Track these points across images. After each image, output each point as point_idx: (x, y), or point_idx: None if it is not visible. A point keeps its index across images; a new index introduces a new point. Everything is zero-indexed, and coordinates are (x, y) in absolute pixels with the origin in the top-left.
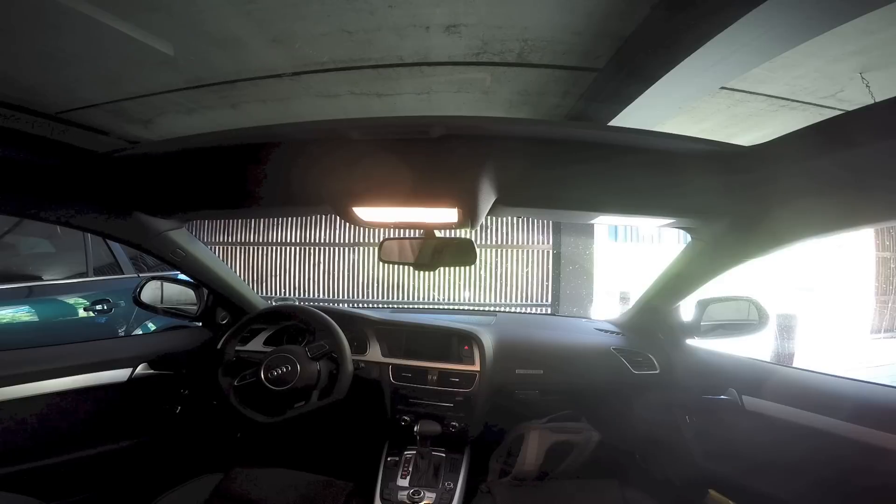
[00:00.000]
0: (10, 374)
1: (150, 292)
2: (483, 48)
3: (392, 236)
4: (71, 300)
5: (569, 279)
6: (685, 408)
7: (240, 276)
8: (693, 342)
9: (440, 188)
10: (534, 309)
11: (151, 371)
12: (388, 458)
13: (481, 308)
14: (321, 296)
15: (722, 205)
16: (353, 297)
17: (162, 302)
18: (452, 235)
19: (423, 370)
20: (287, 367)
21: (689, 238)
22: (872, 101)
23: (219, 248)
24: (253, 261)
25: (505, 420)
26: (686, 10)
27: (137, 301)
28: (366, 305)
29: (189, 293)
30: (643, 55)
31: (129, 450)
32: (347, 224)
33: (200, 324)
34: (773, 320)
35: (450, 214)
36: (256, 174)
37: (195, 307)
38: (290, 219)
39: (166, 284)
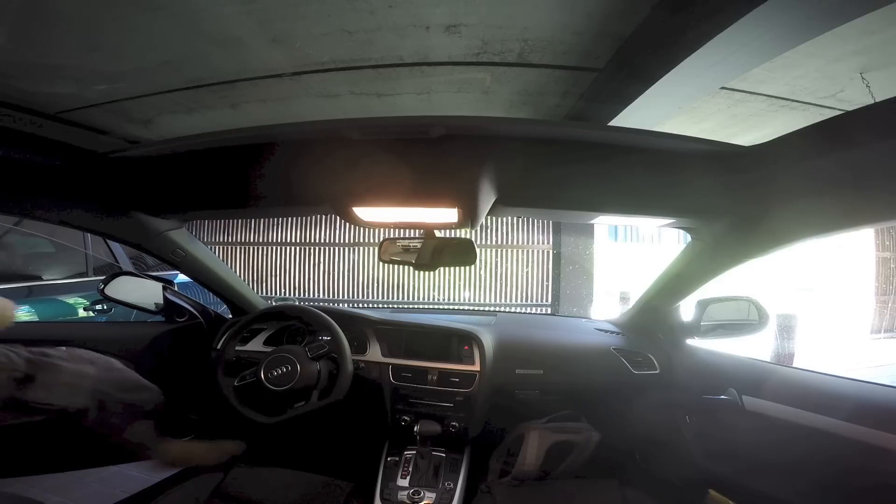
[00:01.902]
0: None
1: (117, 286)
2: (483, 48)
3: (392, 236)
4: (71, 300)
5: (569, 279)
6: (685, 408)
7: (240, 276)
8: (693, 342)
9: (440, 188)
10: (534, 309)
11: None
12: (388, 458)
13: (481, 308)
14: (321, 296)
15: (722, 205)
16: (353, 297)
17: (128, 297)
18: (452, 235)
19: (423, 370)
20: (287, 367)
21: (689, 238)
22: (873, 101)
23: (219, 248)
24: (253, 261)
25: (505, 420)
26: (686, 10)
27: (101, 292)
28: (366, 305)
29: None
30: (643, 55)
31: None
32: (347, 224)
33: (163, 318)
34: (773, 320)
35: (450, 214)
36: (256, 174)
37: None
38: (290, 219)
39: (138, 280)
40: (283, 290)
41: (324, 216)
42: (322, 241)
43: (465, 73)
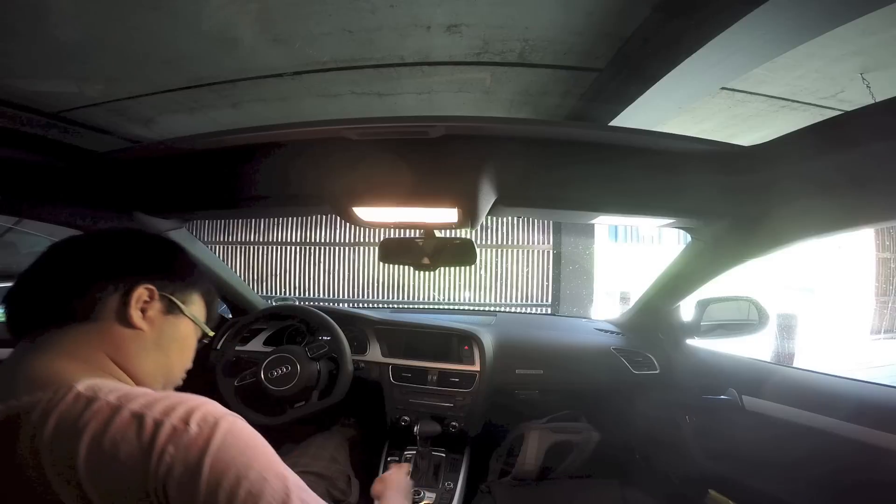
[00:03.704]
0: None
1: None
2: (484, 48)
3: (392, 236)
4: None
5: (569, 279)
6: (685, 408)
7: (240, 276)
8: (693, 342)
9: (440, 188)
10: (534, 309)
11: None
12: (388, 458)
13: (481, 308)
14: (321, 296)
15: (722, 205)
16: (353, 297)
17: None
18: (452, 235)
19: (423, 370)
20: (287, 368)
21: (689, 238)
22: (873, 102)
23: (219, 248)
24: (253, 261)
25: (505, 420)
26: (686, 11)
27: None
28: (366, 305)
29: None
30: (644, 56)
31: None
32: (347, 224)
33: None
34: (773, 320)
35: (450, 214)
36: (256, 174)
37: None
38: (290, 219)
39: None
40: (283, 290)
41: (324, 216)
42: (322, 241)
43: (465, 72)
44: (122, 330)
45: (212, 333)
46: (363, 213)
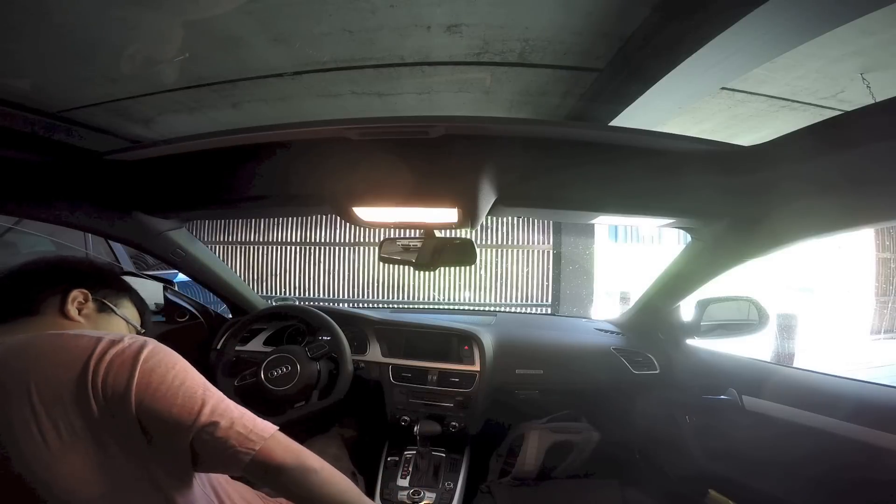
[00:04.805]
0: None
1: None
2: (484, 48)
3: (392, 236)
4: None
5: (569, 279)
6: (685, 408)
7: (240, 275)
8: (693, 342)
9: (440, 188)
10: (534, 309)
11: None
12: (388, 458)
13: (481, 308)
14: (321, 296)
15: (722, 205)
16: (353, 297)
17: None
18: (452, 235)
19: (423, 370)
20: (287, 368)
21: (689, 238)
22: (873, 102)
23: (219, 248)
24: (253, 261)
25: (505, 420)
26: (686, 11)
27: None
28: (366, 305)
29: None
30: (644, 56)
31: None
32: (347, 224)
33: (163, 318)
34: (773, 320)
35: (450, 214)
36: (257, 174)
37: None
38: (290, 219)
39: (138, 280)
40: (283, 290)
41: (324, 216)
42: (322, 241)
43: (465, 73)
44: (63, 321)
45: (142, 330)
46: (363, 213)
